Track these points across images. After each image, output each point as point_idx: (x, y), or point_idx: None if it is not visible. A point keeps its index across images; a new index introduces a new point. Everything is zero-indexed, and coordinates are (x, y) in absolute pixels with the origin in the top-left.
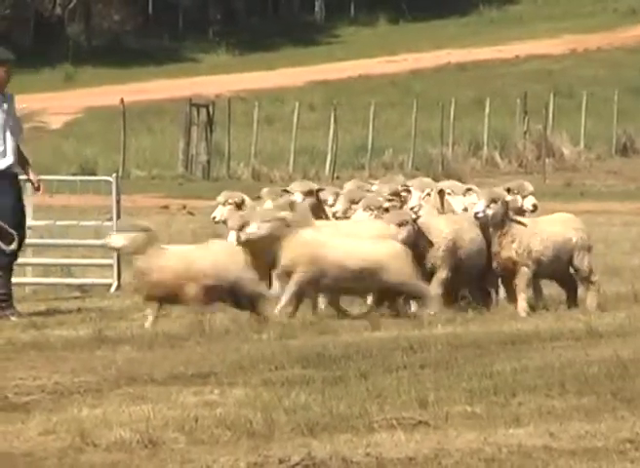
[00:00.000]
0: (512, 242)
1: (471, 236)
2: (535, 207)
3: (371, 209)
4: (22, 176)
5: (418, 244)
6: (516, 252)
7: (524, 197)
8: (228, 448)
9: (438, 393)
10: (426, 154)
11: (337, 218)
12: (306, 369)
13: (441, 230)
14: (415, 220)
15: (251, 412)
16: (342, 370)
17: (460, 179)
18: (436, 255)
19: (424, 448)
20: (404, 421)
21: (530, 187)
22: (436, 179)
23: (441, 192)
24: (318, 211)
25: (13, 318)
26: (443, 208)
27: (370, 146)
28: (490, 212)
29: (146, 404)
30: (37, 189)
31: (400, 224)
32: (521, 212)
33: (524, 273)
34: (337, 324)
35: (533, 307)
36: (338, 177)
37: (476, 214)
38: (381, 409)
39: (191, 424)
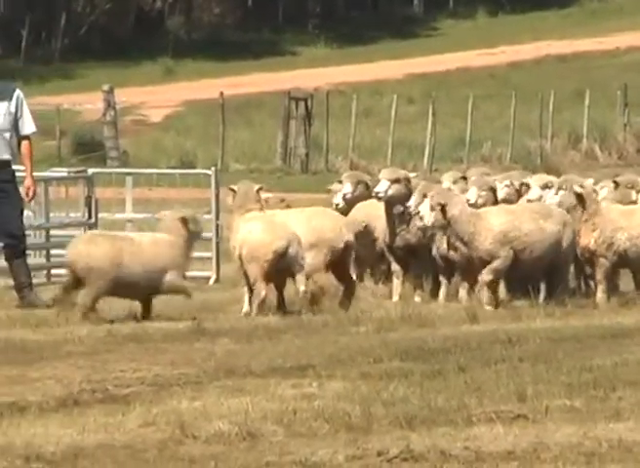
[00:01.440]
0: (593, 231)
1: (530, 228)
2: None
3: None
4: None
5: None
6: (595, 241)
7: (638, 192)
8: (327, 441)
9: (537, 387)
10: (525, 147)
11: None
12: (405, 362)
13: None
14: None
15: (349, 405)
16: (441, 364)
17: (558, 172)
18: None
19: (523, 442)
20: (502, 415)
21: None
22: (535, 173)
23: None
24: (405, 199)
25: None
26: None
27: (468, 139)
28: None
29: (245, 396)
30: (26, 195)
31: (432, 209)
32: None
33: (602, 264)
34: (435, 317)
35: (634, 301)
36: (436, 170)
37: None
38: (480, 402)
39: (290, 417)
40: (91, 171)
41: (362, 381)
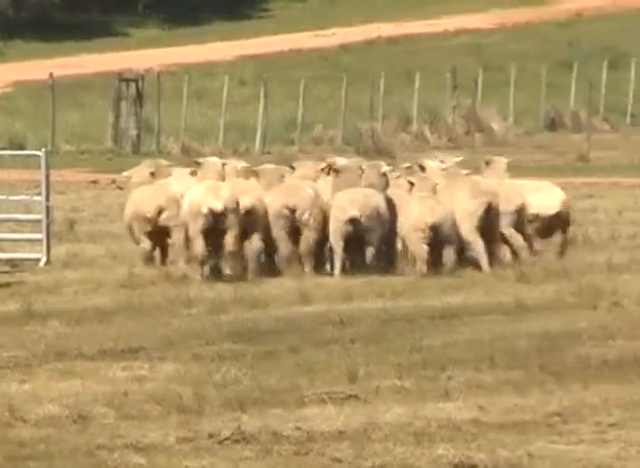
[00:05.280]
0: None
1: None
2: None
3: None
4: None
5: None
6: None
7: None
8: (158, 423)
9: (368, 367)
10: (356, 129)
11: None
12: (237, 343)
13: None
14: None
15: (181, 387)
16: (273, 345)
17: (389, 154)
18: None
19: (354, 422)
20: (334, 395)
21: None
22: (366, 154)
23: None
24: None
25: None
26: None
27: (300, 121)
28: None
29: (75, 379)
30: None
31: None
32: None
33: None
34: (267, 298)
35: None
36: (268, 153)
37: None
38: (312, 383)
39: (121, 399)
40: None
41: (194, 363)
